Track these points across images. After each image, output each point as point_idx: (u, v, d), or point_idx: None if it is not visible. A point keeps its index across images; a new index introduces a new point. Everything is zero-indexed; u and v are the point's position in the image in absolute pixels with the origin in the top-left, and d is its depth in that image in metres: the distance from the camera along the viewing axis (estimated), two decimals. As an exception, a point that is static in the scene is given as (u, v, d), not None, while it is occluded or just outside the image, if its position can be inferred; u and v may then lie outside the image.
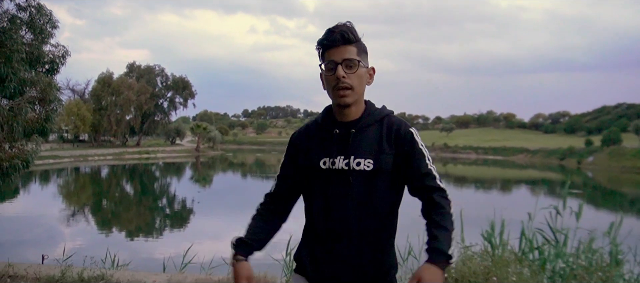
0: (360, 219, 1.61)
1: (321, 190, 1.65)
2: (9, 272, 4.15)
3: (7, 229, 11.43)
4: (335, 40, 1.59)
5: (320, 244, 1.66)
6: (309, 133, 1.74)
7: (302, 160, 1.70)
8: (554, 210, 4.90)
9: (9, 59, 7.51)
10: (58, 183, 27.84)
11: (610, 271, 3.82)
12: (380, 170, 1.60)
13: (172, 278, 3.90)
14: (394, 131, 1.64)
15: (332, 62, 1.60)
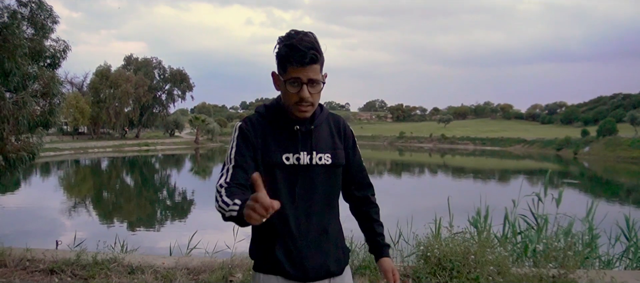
0: (325, 210, 1.69)
1: (287, 186, 1.65)
2: (27, 257, 4.45)
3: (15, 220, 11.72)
4: (304, 61, 1.53)
5: (295, 239, 1.65)
6: (262, 128, 1.69)
7: (262, 156, 1.66)
8: (536, 197, 5.22)
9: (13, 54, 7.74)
10: (61, 175, 28.09)
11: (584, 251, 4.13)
12: (337, 164, 1.69)
13: (180, 261, 4.20)
14: (341, 128, 1.76)
15: (297, 81, 1.56)
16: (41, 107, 8.76)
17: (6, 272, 4.21)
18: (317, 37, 1.58)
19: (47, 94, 9.11)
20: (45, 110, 9.14)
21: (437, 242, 3.70)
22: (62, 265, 4.17)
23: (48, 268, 4.18)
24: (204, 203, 16.05)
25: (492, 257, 3.42)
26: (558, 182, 26.05)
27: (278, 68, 1.61)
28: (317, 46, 1.56)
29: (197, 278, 3.81)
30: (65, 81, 55.15)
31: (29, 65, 8.36)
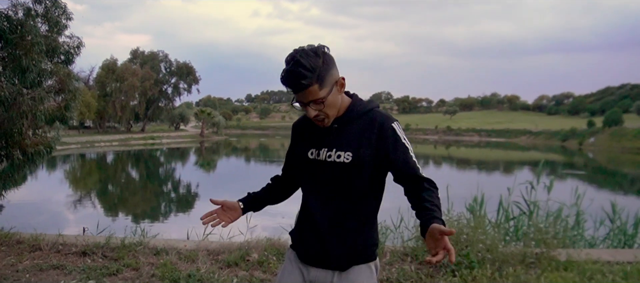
0: (341, 206, 1.72)
1: (309, 178, 1.78)
2: (60, 241, 4.87)
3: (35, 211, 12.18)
4: (295, 90, 1.61)
5: (309, 226, 1.80)
6: (305, 124, 1.83)
7: (297, 149, 1.84)
8: (529, 185, 5.59)
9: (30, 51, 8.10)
10: (71, 169, 28.65)
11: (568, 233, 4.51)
12: (358, 163, 1.68)
13: (200, 244, 4.60)
14: (376, 125, 1.69)
15: (301, 103, 1.65)
16: (57, 103, 9.17)
17: (42, 255, 4.62)
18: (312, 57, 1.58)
19: (63, 89, 9.51)
20: (61, 106, 9.54)
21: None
22: (93, 248, 4.59)
23: (80, 251, 4.59)
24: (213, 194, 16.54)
25: (483, 237, 3.80)
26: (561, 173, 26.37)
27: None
28: (307, 71, 1.56)
29: (217, 258, 4.22)
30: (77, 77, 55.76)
31: (44, 62, 8.75)
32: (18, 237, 5.15)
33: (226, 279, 3.74)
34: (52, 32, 9.06)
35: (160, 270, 3.94)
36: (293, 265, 1.83)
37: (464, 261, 3.65)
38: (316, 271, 1.77)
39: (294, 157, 1.85)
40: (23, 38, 7.96)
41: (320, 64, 1.58)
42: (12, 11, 7.85)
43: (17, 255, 4.60)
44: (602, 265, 3.61)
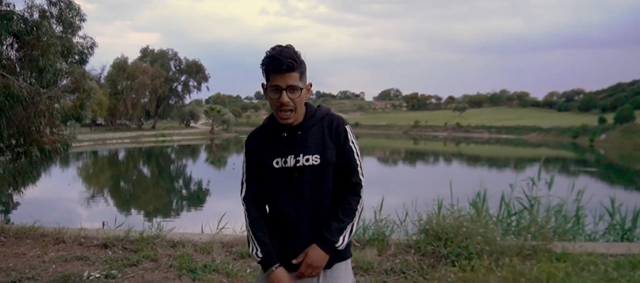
0: (313, 206, 1.83)
1: (277, 186, 1.86)
2: (82, 234, 5.14)
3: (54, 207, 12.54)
4: (281, 68, 1.71)
5: (288, 235, 1.86)
6: (260, 136, 1.92)
7: (258, 161, 1.89)
8: (530, 181, 5.77)
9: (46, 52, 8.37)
10: (86, 165, 29.14)
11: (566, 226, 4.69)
12: (326, 163, 1.82)
13: (215, 237, 4.85)
14: (333, 128, 1.85)
15: (277, 87, 1.74)
16: (73, 102, 9.45)
17: (65, 247, 4.90)
18: (296, 50, 1.77)
19: (78, 89, 9.80)
20: (76, 105, 9.83)
21: (435, 218, 4.30)
22: (114, 240, 4.85)
23: (101, 244, 4.86)
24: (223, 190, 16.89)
25: (482, 231, 3.99)
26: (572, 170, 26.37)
27: (265, 79, 1.81)
28: (295, 56, 1.74)
29: (230, 250, 4.46)
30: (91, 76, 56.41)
31: (59, 62, 9.03)
32: (42, 231, 5.44)
33: (240, 269, 3.99)
34: (66, 33, 9.32)
35: (178, 261, 4.19)
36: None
37: (463, 252, 3.86)
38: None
39: (257, 170, 1.89)
40: (39, 39, 8.23)
41: (302, 60, 1.77)
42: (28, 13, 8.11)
43: (42, 247, 4.89)
44: (596, 257, 3.80)
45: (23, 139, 8.83)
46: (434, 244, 4.02)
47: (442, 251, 3.94)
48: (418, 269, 3.84)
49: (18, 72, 8.20)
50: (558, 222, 5.10)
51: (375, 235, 4.41)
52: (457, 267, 3.69)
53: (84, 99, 10.07)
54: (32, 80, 8.38)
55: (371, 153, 44.20)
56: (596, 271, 3.42)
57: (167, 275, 3.92)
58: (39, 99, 8.16)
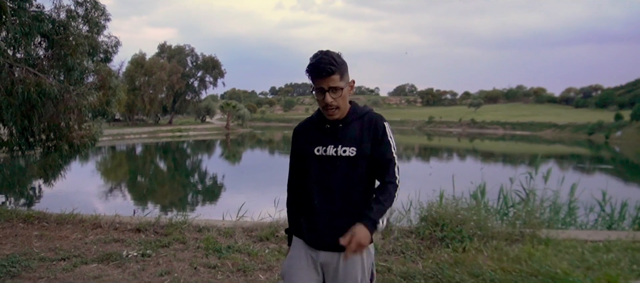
0: (346, 193, 1.99)
1: (316, 173, 2.04)
2: (116, 220, 5.71)
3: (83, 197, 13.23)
4: (322, 74, 1.92)
5: (317, 215, 2.03)
6: (306, 127, 2.15)
7: (302, 148, 2.10)
8: (528, 175, 6.20)
9: (74, 51, 8.89)
10: (109, 159, 30.03)
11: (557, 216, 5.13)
12: (361, 155, 1.99)
13: (236, 223, 5.39)
14: (372, 124, 2.03)
15: (321, 89, 1.95)
16: (99, 98, 9.99)
17: (103, 231, 5.46)
18: (336, 54, 1.96)
19: (104, 86, 10.34)
20: (103, 101, 10.38)
21: (434, 207, 4.77)
22: (146, 225, 5.41)
23: (135, 228, 5.42)
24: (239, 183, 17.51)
25: (476, 218, 4.45)
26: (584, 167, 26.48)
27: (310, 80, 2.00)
28: (334, 60, 1.92)
29: (251, 234, 4.99)
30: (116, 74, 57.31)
31: (86, 61, 9.55)
32: (80, 217, 6.03)
33: (260, 250, 4.51)
34: (92, 32, 9.84)
35: (204, 243, 4.72)
36: (301, 252, 2.11)
37: (457, 236, 4.34)
38: (325, 254, 2.04)
39: (300, 157, 2.12)
40: (67, 39, 8.76)
41: (342, 61, 1.96)
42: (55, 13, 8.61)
43: (82, 231, 5.46)
44: (576, 242, 4.23)
45: (53, 134, 9.40)
46: (432, 229, 4.51)
47: (438, 235, 4.43)
48: (416, 250, 4.33)
49: (48, 71, 8.76)
50: (551, 212, 5.52)
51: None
52: (451, 248, 4.18)
53: (110, 96, 10.64)
54: (61, 78, 8.93)
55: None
56: (573, 253, 3.86)
57: (195, 254, 4.46)
58: (68, 96, 8.68)
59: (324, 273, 2.08)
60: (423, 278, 3.68)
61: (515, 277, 3.56)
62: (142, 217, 6.02)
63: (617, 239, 4.49)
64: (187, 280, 3.76)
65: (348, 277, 2.02)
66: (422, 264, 3.99)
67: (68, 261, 4.32)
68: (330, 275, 2.06)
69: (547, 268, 3.55)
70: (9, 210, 6.61)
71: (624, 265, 3.78)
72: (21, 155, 9.52)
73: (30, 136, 9.12)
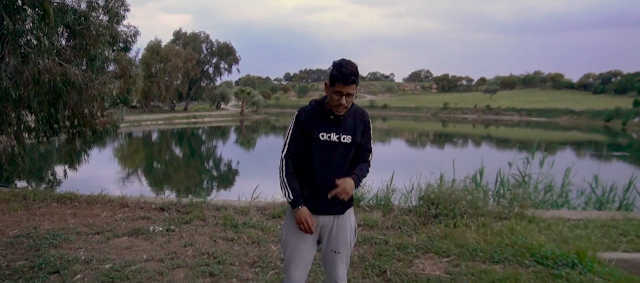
0: (341, 170, 2.46)
1: (319, 153, 2.45)
2: (142, 200, 6.25)
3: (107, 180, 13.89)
4: (347, 81, 2.32)
5: (319, 186, 2.45)
6: (310, 113, 2.50)
7: (307, 132, 2.46)
8: (525, 160, 6.57)
9: (96, 41, 9.32)
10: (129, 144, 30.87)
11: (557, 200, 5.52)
12: (355, 142, 2.49)
13: (251, 203, 5.88)
14: (362, 119, 2.54)
15: (340, 93, 2.35)
16: (120, 86, 10.44)
17: (130, 210, 5.99)
18: (356, 66, 2.35)
19: (124, 75, 10.79)
20: (123, 89, 10.85)
21: (431, 188, 5.20)
22: (169, 205, 5.93)
23: (159, 207, 5.95)
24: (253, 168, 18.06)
25: (469, 198, 4.87)
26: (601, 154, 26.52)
27: (329, 81, 2.38)
28: (357, 73, 2.32)
29: (264, 212, 5.48)
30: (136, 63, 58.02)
31: (107, 50, 9.98)
32: (108, 198, 6.57)
33: (272, 225, 5.00)
34: (112, 22, 10.30)
35: (222, 220, 5.22)
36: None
37: (450, 213, 4.77)
38: (324, 218, 2.51)
39: (303, 137, 2.49)
40: (89, 29, 9.18)
41: (360, 74, 2.38)
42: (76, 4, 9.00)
43: (111, 210, 6.00)
44: (560, 221, 4.63)
45: (77, 121, 9.89)
46: (427, 208, 4.95)
47: (433, 212, 4.86)
48: (412, 226, 4.78)
49: (71, 60, 9.21)
50: (545, 194, 5.90)
51: (382, 201, 5.37)
52: (443, 224, 4.62)
53: (130, 85, 11.13)
54: (83, 67, 9.37)
55: (399, 136, 44.82)
56: (554, 229, 4.25)
57: (215, 230, 4.96)
58: (91, 84, 9.14)
59: (322, 233, 2.56)
60: (415, 249, 4.14)
61: (495, 247, 3.99)
62: (165, 197, 6.54)
63: (597, 218, 4.88)
64: (208, 250, 4.26)
65: (341, 234, 2.53)
66: (416, 238, 4.44)
67: (102, 235, 4.85)
68: (326, 234, 2.54)
69: (523, 241, 3.98)
70: (43, 191, 7.19)
71: (595, 239, 4.19)
72: (46, 141, 10.08)
73: (54, 123, 9.63)
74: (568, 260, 3.63)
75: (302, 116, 2.50)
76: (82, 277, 3.64)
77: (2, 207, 6.09)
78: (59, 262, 3.92)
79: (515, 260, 3.78)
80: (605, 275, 3.47)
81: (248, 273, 3.75)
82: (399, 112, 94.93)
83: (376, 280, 3.57)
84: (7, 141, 8.81)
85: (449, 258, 3.94)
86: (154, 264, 3.95)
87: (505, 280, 3.40)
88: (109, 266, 3.86)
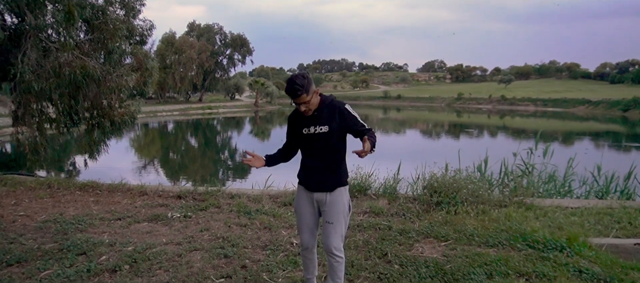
0: (324, 157, 2.95)
1: (306, 144, 3.00)
2: (160, 189, 6.57)
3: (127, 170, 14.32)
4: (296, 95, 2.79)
5: (309, 170, 3.02)
6: (297, 115, 2.99)
7: (295, 129, 3.03)
8: (529, 150, 6.75)
9: (113, 35, 9.64)
10: (147, 135, 31.44)
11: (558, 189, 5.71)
12: (332, 131, 2.90)
13: (263, 191, 6.18)
14: (336, 108, 2.92)
15: (297, 103, 2.83)
16: (137, 79, 10.77)
17: (148, 198, 6.31)
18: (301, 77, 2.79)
19: (141, 67, 11.11)
20: (140, 82, 11.17)
21: (435, 177, 5.43)
22: (185, 193, 6.25)
23: (176, 195, 6.27)
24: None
25: (471, 186, 5.09)
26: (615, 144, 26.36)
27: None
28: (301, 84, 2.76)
29: (276, 200, 5.76)
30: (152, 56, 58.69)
31: (124, 44, 10.29)
32: (128, 186, 6.92)
33: (283, 212, 5.29)
34: (128, 16, 10.62)
35: (236, 207, 5.52)
36: (303, 194, 3.09)
37: (451, 201, 5.01)
38: (318, 194, 3.01)
39: (293, 134, 3.07)
40: (106, 23, 9.49)
41: (306, 81, 2.80)
42: None
43: (131, 198, 6.34)
44: (557, 209, 4.82)
45: (96, 112, 10.25)
46: (430, 196, 5.19)
47: (435, 200, 5.10)
48: (415, 213, 5.03)
49: (89, 53, 9.54)
50: (547, 183, 6.09)
51: (388, 190, 5.63)
52: (445, 211, 4.85)
53: (147, 77, 11.46)
54: (101, 60, 9.70)
55: (413, 126, 44.84)
56: (550, 216, 4.46)
57: (229, 216, 5.26)
58: (109, 77, 9.48)
59: (319, 206, 3.05)
60: (416, 234, 4.39)
61: (491, 232, 4.22)
62: (182, 186, 6.86)
63: (594, 206, 5.07)
64: (222, 234, 4.55)
65: (334, 206, 2.99)
66: (418, 224, 4.69)
67: (123, 220, 5.18)
68: (323, 207, 3.02)
69: (518, 226, 4.20)
70: (66, 180, 7.58)
71: (588, 226, 4.39)
72: (67, 132, 10.45)
73: (74, 114, 9.99)
74: (557, 244, 3.85)
75: (291, 118, 3.07)
76: (107, 258, 3.96)
77: (28, 195, 6.47)
78: (85, 245, 4.25)
79: (509, 244, 4.01)
80: (592, 258, 3.68)
81: (260, 255, 4.04)
82: (413, 102, 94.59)
83: (377, 262, 3.83)
84: (30, 132, 9.15)
85: (447, 242, 4.18)
86: (172, 247, 4.25)
87: (496, 261, 3.64)
88: (132, 248, 4.17)
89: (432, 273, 3.56)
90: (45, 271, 3.66)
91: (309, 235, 3.10)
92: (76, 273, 3.61)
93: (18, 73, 7.63)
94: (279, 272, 3.68)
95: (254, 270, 3.71)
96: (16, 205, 5.83)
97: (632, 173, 6.64)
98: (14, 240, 4.40)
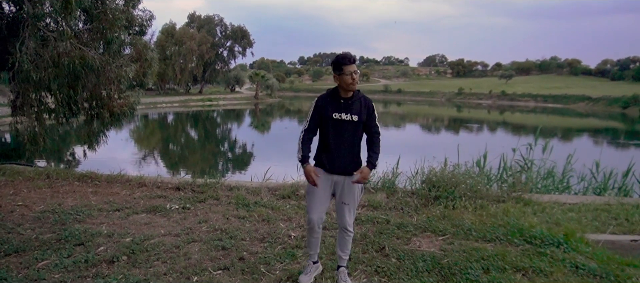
0: (350, 144, 3.18)
1: (333, 129, 3.17)
2: (159, 180, 6.57)
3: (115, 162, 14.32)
4: (353, 60, 3.10)
5: (333, 153, 3.18)
6: (325, 98, 3.20)
7: (323, 113, 3.18)
8: (528, 146, 6.74)
9: (113, 25, 9.58)
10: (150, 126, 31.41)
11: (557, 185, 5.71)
12: (360, 121, 3.15)
13: (262, 184, 6.18)
14: (367, 104, 3.20)
15: (350, 72, 3.08)
16: (136, 70, 10.73)
17: (147, 190, 6.31)
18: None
19: (140, 58, 11.07)
20: (139, 73, 11.13)
21: (433, 172, 5.43)
22: (184, 184, 6.25)
23: (175, 187, 6.27)
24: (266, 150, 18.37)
25: (469, 181, 5.10)
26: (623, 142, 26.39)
27: (337, 70, 3.11)
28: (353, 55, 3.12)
29: (275, 193, 5.77)
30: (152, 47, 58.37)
31: (123, 34, 10.24)
32: (127, 177, 6.91)
33: (282, 205, 5.30)
34: (128, 6, 10.56)
35: (235, 199, 5.52)
36: (322, 175, 3.23)
37: (450, 196, 5.01)
38: (337, 177, 3.23)
39: (319, 117, 3.22)
40: (105, 13, 9.43)
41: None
42: None
43: (129, 189, 6.33)
44: (555, 204, 4.83)
45: (95, 103, 10.22)
46: (428, 190, 5.20)
47: (433, 194, 5.11)
48: (414, 207, 5.04)
49: (88, 43, 9.49)
50: (546, 179, 6.09)
51: (386, 184, 5.63)
52: (443, 206, 4.86)
53: (146, 68, 11.41)
54: (100, 50, 9.65)
55: (412, 120, 44.82)
56: (548, 212, 4.46)
57: (228, 208, 5.26)
58: (108, 68, 9.45)
59: (335, 188, 3.27)
60: (413, 228, 4.40)
61: (488, 227, 4.23)
62: (181, 177, 6.86)
63: (592, 202, 5.08)
64: (221, 226, 4.56)
65: (350, 190, 3.24)
66: (416, 218, 4.70)
67: (122, 211, 5.18)
68: (339, 189, 3.26)
69: (516, 222, 4.21)
70: (65, 170, 7.56)
71: (585, 222, 4.40)
72: (66, 122, 10.42)
73: (73, 105, 9.96)
74: (555, 240, 3.86)
75: (320, 101, 3.22)
76: (105, 248, 3.96)
77: (27, 185, 6.47)
78: (83, 235, 4.25)
79: (506, 239, 4.03)
80: (588, 254, 3.69)
81: (257, 247, 4.05)
82: (414, 96, 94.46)
83: (375, 255, 3.85)
84: (29, 122, 9.10)
85: (445, 236, 4.19)
86: (170, 238, 4.26)
87: (493, 256, 3.65)
88: (130, 239, 4.18)
89: (429, 267, 3.57)
90: (43, 261, 3.67)
91: (318, 214, 3.25)
92: (74, 263, 3.61)
93: (16, 62, 7.58)
94: (277, 264, 3.69)
95: (251, 262, 3.71)
96: (15, 195, 5.83)
97: (630, 170, 6.66)
98: (12, 230, 4.41)
